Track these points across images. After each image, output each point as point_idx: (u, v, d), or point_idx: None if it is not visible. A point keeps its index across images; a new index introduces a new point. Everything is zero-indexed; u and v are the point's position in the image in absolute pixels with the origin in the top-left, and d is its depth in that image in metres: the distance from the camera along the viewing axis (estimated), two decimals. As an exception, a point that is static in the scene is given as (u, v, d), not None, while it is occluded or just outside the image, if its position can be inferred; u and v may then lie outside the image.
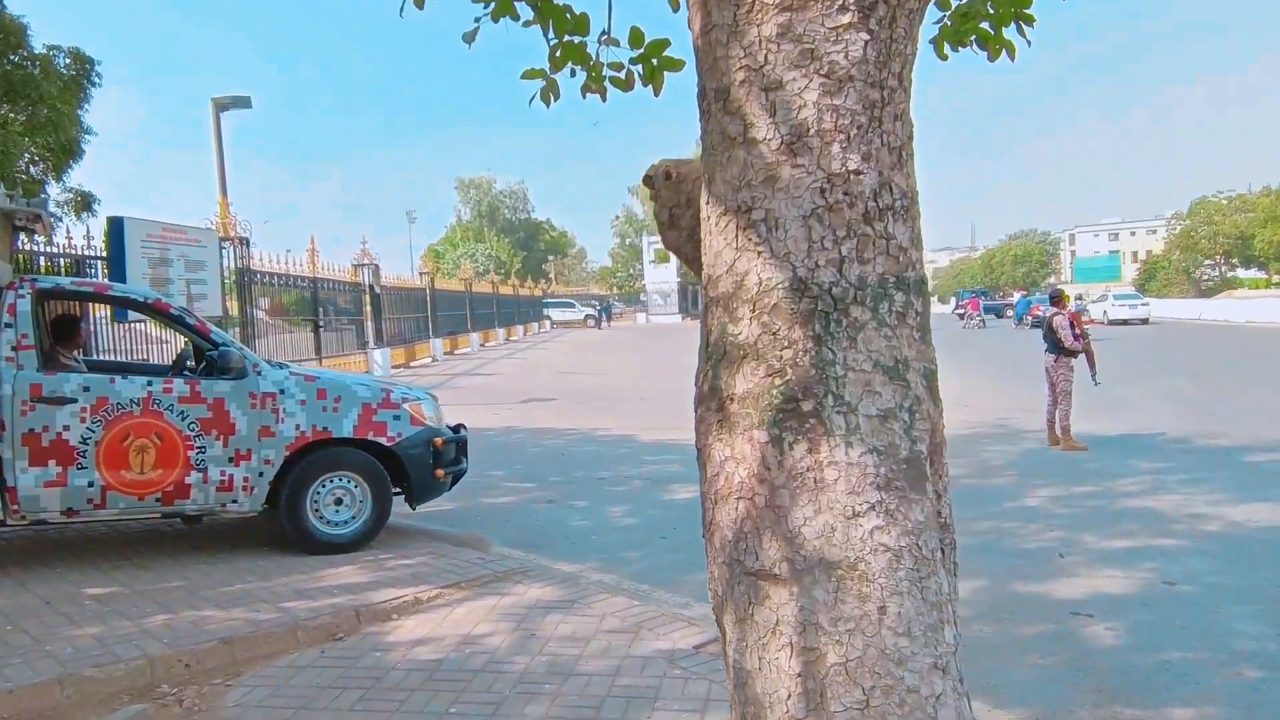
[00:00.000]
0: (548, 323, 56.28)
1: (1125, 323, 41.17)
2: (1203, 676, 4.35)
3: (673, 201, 2.37)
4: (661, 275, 68.91)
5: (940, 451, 2.00)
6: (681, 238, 2.40)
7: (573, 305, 58.79)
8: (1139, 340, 31.92)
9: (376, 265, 23.72)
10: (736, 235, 1.91)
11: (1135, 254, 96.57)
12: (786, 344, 1.84)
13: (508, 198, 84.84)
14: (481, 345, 36.90)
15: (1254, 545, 6.48)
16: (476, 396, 18.48)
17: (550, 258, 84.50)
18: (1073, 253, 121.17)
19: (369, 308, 23.36)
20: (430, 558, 6.11)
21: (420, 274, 30.52)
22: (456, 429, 7.02)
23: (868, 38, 1.83)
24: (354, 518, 6.28)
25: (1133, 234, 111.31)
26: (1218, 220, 65.69)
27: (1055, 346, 11.03)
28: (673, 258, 42.98)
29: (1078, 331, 10.87)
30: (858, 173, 1.85)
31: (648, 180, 2.44)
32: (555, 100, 3.37)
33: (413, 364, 27.42)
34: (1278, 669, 4.40)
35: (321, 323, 20.05)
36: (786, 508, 1.82)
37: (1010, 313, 47.84)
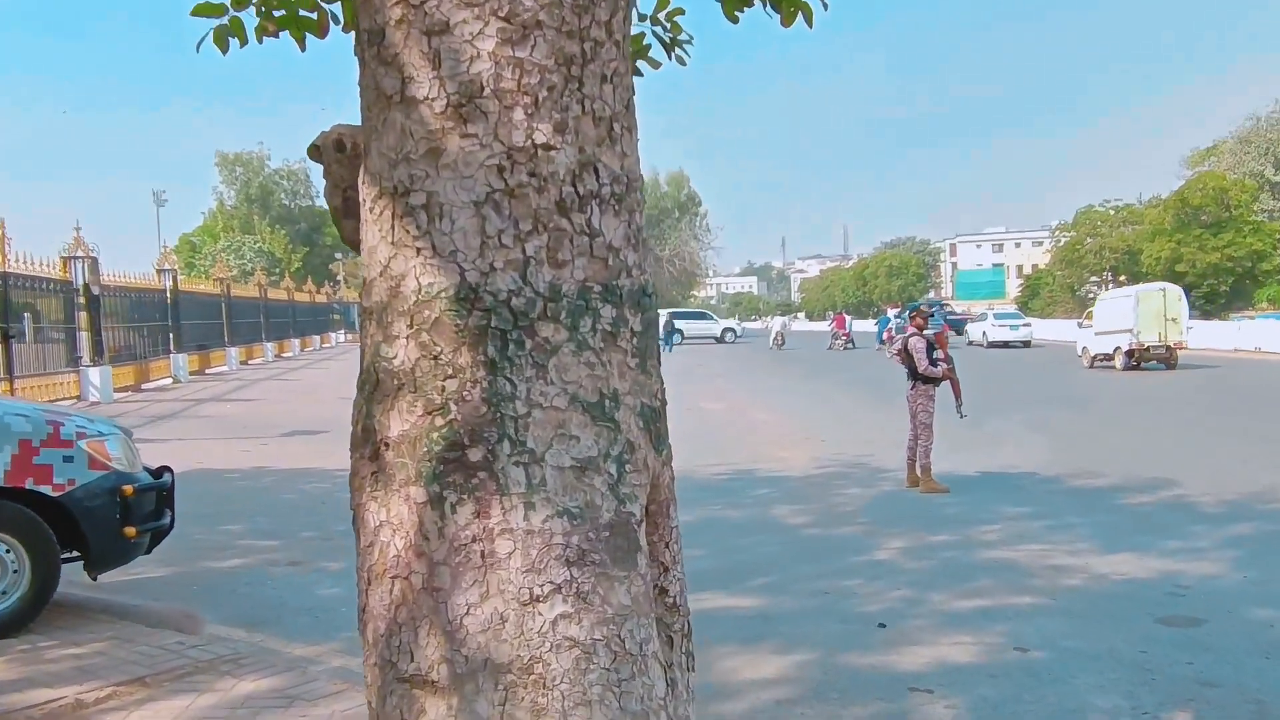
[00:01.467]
0: (342, 335, 54.73)
1: (1006, 345, 43.81)
2: (1044, 763, 4.49)
3: (347, 180, 2.17)
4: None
5: (666, 511, 1.89)
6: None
7: None
8: (1019, 365, 34.03)
9: (94, 258, 22.23)
10: (393, 225, 1.74)
11: (1020, 268, 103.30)
12: (450, 372, 1.68)
13: (284, 179, 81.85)
14: (242, 363, 35.30)
15: (1115, 602, 6.85)
16: (224, 429, 17.56)
17: (339, 256, 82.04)
18: (954, 265, 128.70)
19: (84, 313, 21.84)
20: (111, 644, 5.60)
21: (160, 271, 28.87)
22: (159, 473, 6.52)
23: (561, -29, 1.71)
24: (2, 594, 5.69)
25: (1018, 245, 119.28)
26: (1103, 232, 71.25)
27: (914, 372, 11.44)
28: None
29: (939, 355, 11.31)
30: (549, 148, 1.71)
31: (315, 152, 2.23)
32: (240, 45, 3.12)
33: (146, 386, 25.88)
34: (1126, 750, 4.60)
35: (11, 332, 18.55)
36: (447, 591, 1.65)
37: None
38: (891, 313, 50.59)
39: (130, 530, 6.00)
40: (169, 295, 28.75)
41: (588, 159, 1.75)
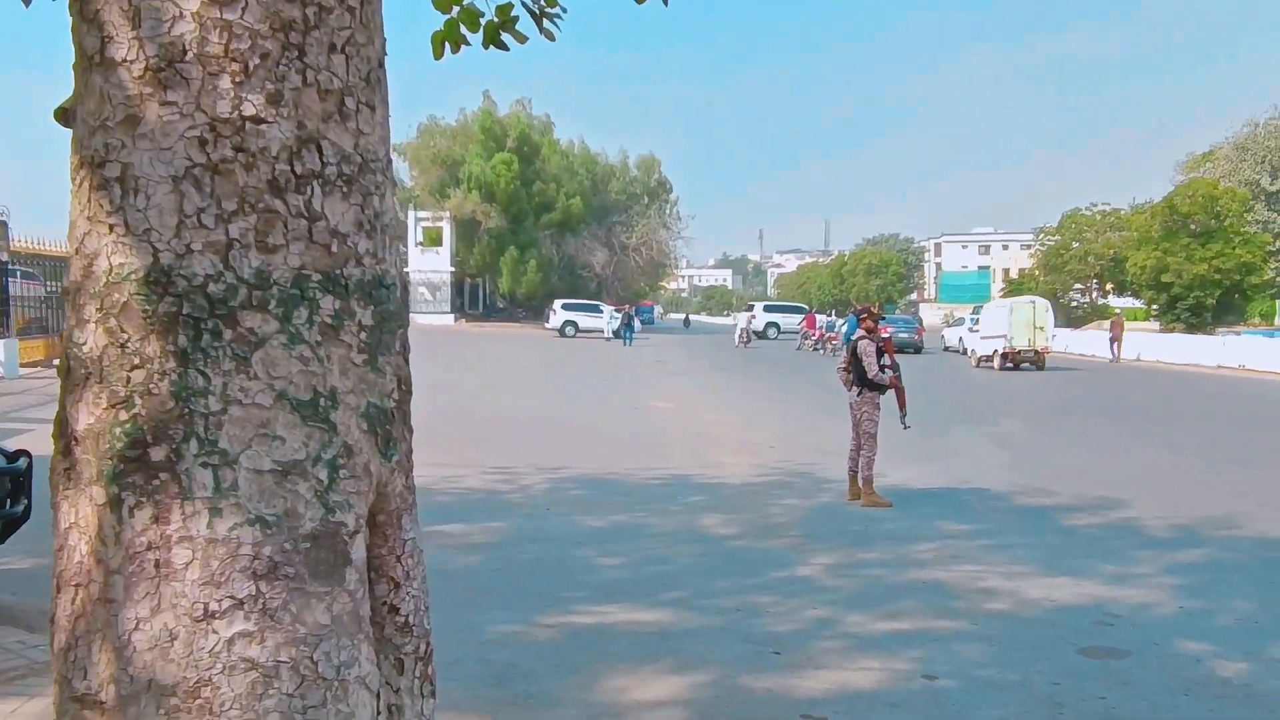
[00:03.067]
0: None
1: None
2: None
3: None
4: (431, 262, 67.94)
5: (398, 521, 1.85)
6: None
7: None
8: (992, 374, 34.30)
9: (4, 222, 21.89)
10: (89, 199, 1.68)
11: (1007, 271, 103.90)
12: (138, 361, 1.62)
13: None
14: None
15: (1039, 629, 6.89)
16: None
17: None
18: (938, 265, 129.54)
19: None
20: (-55, 642, 5.48)
21: (78, 239, 28.49)
22: (14, 457, 6.40)
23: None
24: None
25: (1005, 248, 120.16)
26: (1089, 238, 71.78)
27: (862, 379, 11.38)
28: (445, 241, 42.46)
29: (887, 361, 11.30)
30: (259, 120, 1.66)
31: (61, 115, 2.16)
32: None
33: (57, 361, 25.56)
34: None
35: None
36: (120, 603, 1.60)
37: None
38: (822, 318, 50.88)
39: (-25, 518, 5.88)
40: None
41: (309, 135, 1.70)
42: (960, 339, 45.75)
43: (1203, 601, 7.62)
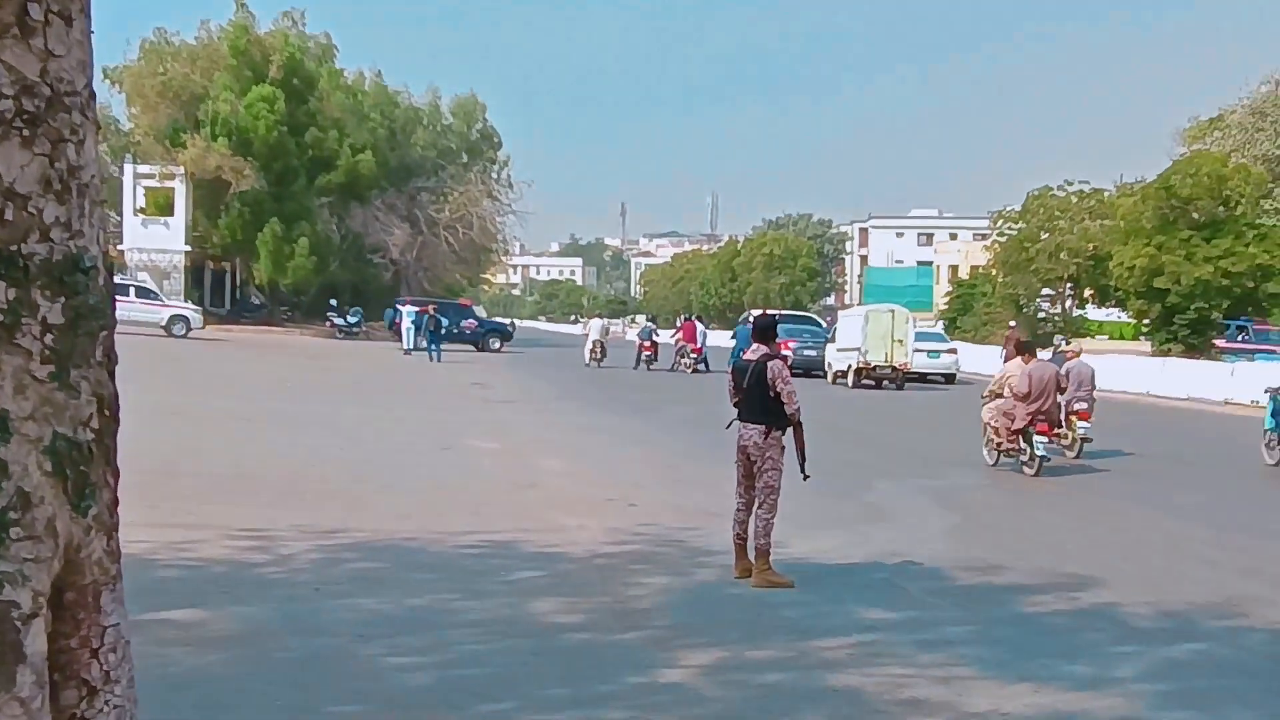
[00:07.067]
0: None
1: (923, 377, 45.29)
2: None
3: None
4: (157, 238, 66.43)
5: (95, 601, 1.84)
6: None
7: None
8: (936, 407, 35.29)
9: None
10: None
11: (955, 269, 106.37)
12: None
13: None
14: None
15: (981, 751, 7.13)
16: None
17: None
18: (863, 259, 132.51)
19: None
20: None
21: None
22: None
23: None
24: None
25: (953, 237, 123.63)
26: (1061, 226, 72.87)
27: (766, 412, 11.41)
28: (179, 209, 41.93)
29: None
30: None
31: None
32: None
33: None
34: None
35: None
36: None
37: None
38: (643, 318, 51.89)
39: None
40: None
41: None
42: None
43: (1195, 713, 7.98)
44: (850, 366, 41.88)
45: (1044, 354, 24.74)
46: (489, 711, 7.43)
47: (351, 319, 65.18)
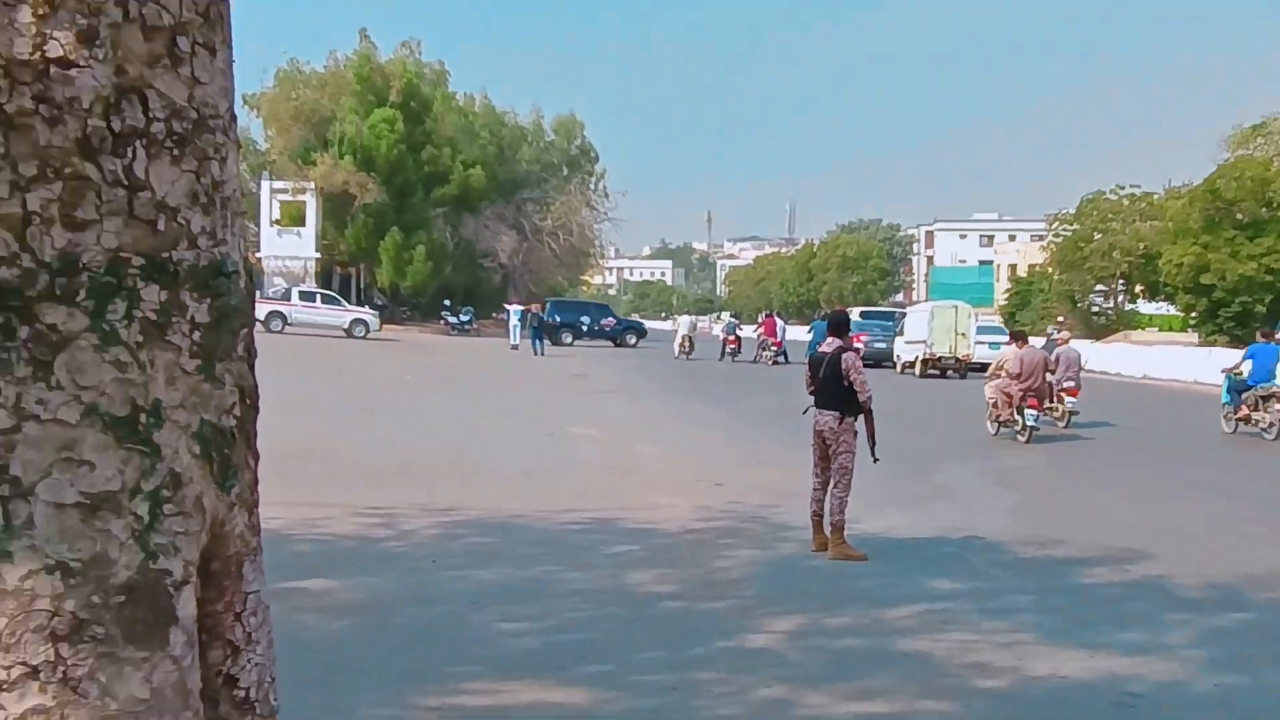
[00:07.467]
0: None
1: (984, 367, 44.73)
2: None
3: None
4: (290, 246, 67.41)
5: (238, 571, 1.87)
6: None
7: None
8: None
9: None
10: None
11: (1014, 268, 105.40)
12: (-92, 367, 1.63)
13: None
14: None
15: (1044, 712, 7.06)
16: None
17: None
18: (929, 259, 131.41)
19: None
20: None
21: None
22: None
23: None
24: None
25: (1012, 238, 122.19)
26: (1114, 228, 72.69)
27: (840, 400, 11.46)
28: (310, 220, 42.51)
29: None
30: (67, 64, 1.68)
31: None
32: None
33: None
34: None
35: None
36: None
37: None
38: (727, 315, 51.81)
39: None
40: None
41: (131, 83, 1.72)
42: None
43: (1243, 677, 7.84)
44: (917, 358, 42.24)
45: (1036, 341, 27.36)
46: (591, 673, 7.46)
47: (464, 317, 66.02)
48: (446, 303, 67.15)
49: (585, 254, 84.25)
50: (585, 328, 60.21)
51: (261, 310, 51.15)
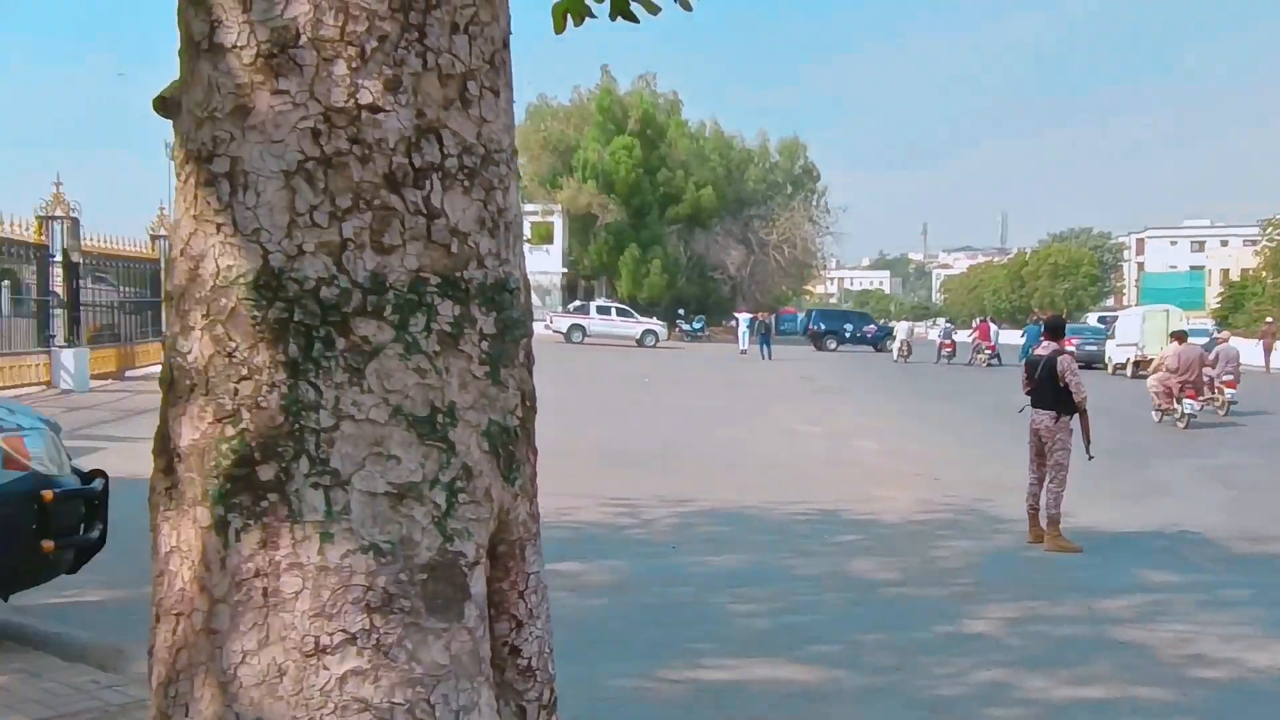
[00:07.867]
0: None
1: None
2: None
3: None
4: (540, 262, 68.86)
5: (521, 553, 1.93)
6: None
7: None
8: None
9: (75, 219, 22.98)
10: (196, 196, 1.81)
11: (1226, 272, 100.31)
12: (246, 372, 1.74)
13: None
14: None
15: (1264, 706, 6.68)
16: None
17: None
18: (1140, 265, 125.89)
19: (60, 285, 22.61)
20: (16, 679, 5.81)
21: (155, 237, 29.73)
22: (89, 478, 6.73)
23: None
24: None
25: (1224, 244, 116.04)
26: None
27: (1055, 400, 11.21)
28: (557, 238, 43.37)
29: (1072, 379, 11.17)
30: (376, 109, 1.76)
31: (161, 104, 2.31)
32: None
33: (130, 374, 26.66)
34: None
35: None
36: (225, 634, 1.71)
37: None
38: (943, 321, 50.51)
39: (48, 544, 6.20)
40: (164, 266, 29.54)
41: (429, 124, 1.80)
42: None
43: None
44: (1129, 360, 40.62)
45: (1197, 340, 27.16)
46: (817, 651, 7.40)
47: (696, 325, 66.48)
48: (680, 311, 67.70)
49: (808, 266, 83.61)
50: (848, 334, 60.83)
51: (564, 323, 53.34)
